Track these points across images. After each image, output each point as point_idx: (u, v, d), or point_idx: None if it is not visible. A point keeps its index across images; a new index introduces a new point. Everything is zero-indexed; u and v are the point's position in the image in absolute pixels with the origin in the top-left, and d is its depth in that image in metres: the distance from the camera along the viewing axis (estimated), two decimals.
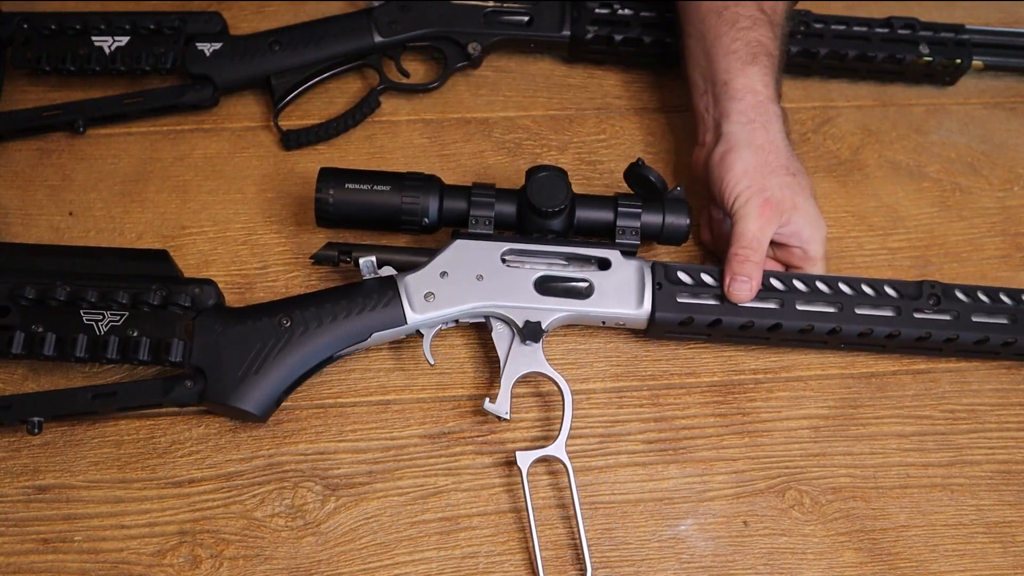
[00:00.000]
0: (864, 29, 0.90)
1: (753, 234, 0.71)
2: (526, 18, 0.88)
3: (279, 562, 0.66)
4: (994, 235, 0.85)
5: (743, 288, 0.71)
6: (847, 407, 0.75)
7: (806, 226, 0.73)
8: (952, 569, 0.69)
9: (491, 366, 0.74)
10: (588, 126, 0.88)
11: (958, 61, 0.90)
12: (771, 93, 0.76)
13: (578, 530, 0.67)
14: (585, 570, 0.66)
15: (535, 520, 0.67)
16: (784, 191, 0.72)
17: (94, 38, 0.83)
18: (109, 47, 0.83)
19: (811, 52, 0.89)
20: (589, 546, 0.66)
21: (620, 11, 0.88)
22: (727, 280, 0.71)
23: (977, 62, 0.91)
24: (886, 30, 0.90)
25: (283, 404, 0.71)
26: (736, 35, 0.77)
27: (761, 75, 0.76)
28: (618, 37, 0.88)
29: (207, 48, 0.84)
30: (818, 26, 0.89)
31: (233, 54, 0.84)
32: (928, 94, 0.93)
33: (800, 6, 0.90)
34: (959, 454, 0.73)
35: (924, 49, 0.89)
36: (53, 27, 0.83)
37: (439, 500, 0.69)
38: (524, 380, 0.73)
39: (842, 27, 0.90)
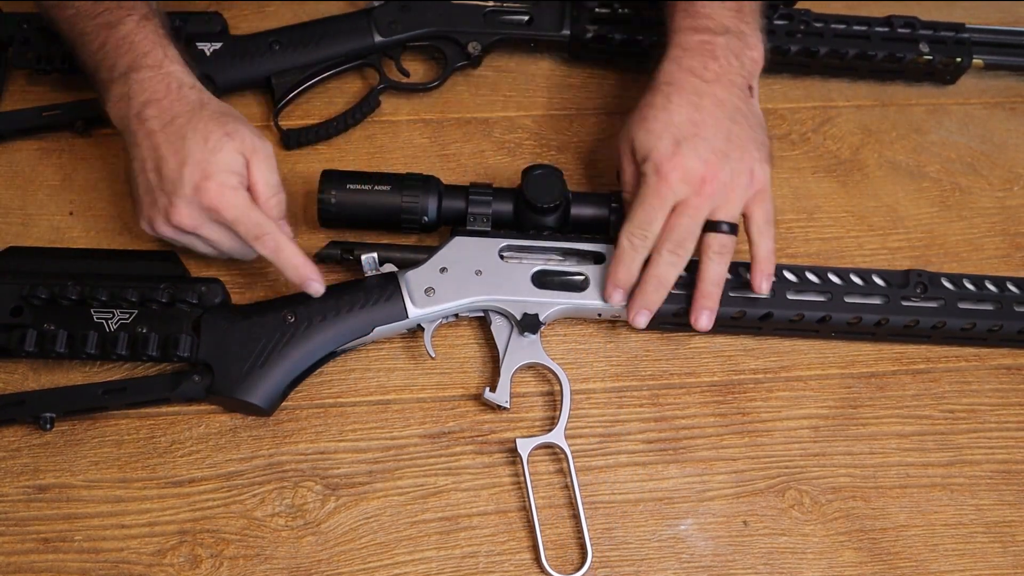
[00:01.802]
0: (864, 28, 0.90)
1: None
2: (526, 18, 0.88)
3: (279, 562, 0.66)
4: (994, 235, 0.85)
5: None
6: (847, 407, 0.75)
7: (639, 159, 0.71)
8: (952, 569, 0.69)
9: (491, 366, 0.74)
10: (588, 126, 0.88)
11: (958, 60, 0.90)
12: (682, 31, 0.73)
13: (578, 514, 0.68)
14: (586, 556, 0.66)
15: (536, 505, 0.67)
16: (623, 132, 0.74)
17: None
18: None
19: (811, 52, 0.89)
20: (590, 540, 0.67)
21: (620, 11, 0.88)
22: None
23: (977, 61, 0.91)
24: (886, 29, 0.90)
25: (283, 404, 0.71)
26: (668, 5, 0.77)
27: (673, 23, 0.75)
28: (618, 37, 0.88)
29: (207, 48, 0.84)
30: (818, 25, 0.89)
31: (233, 54, 0.84)
32: (928, 94, 0.93)
33: (800, 6, 0.90)
34: (959, 454, 0.73)
35: (924, 48, 0.89)
36: None
37: (439, 500, 0.69)
38: (525, 380, 0.74)
39: (842, 26, 0.89)
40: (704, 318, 0.70)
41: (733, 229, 0.70)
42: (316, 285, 0.69)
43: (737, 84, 0.71)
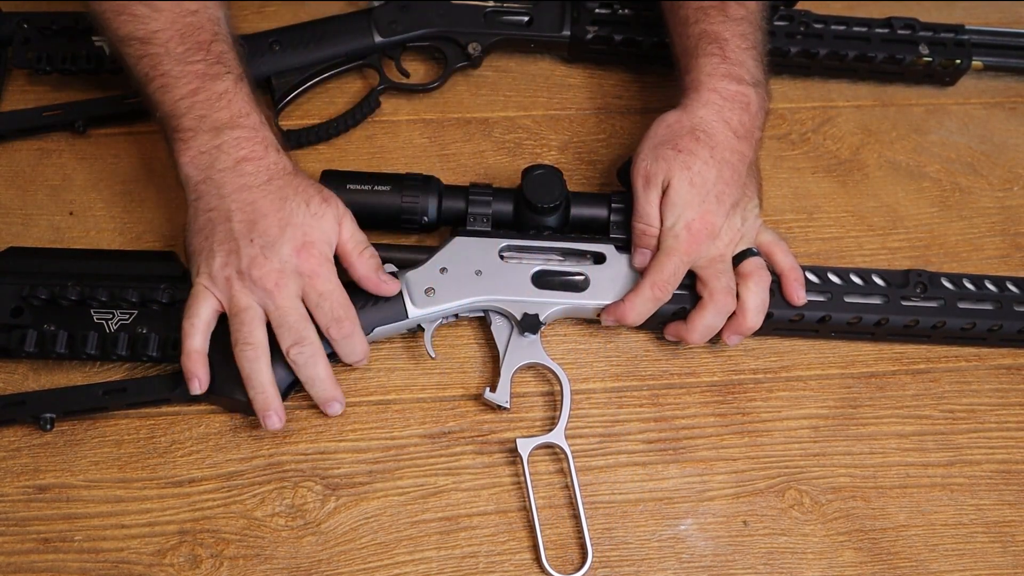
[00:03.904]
0: (864, 29, 0.90)
1: (639, 205, 0.73)
2: (526, 18, 0.88)
3: (279, 562, 0.66)
4: (994, 235, 0.85)
5: (642, 258, 0.72)
6: (847, 407, 0.75)
7: (668, 204, 0.71)
8: (952, 569, 0.69)
9: (491, 366, 0.74)
10: (588, 126, 0.88)
11: (958, 61, 0.90)
12: (718, 77, 0.74)
13: (578, 514, 0.68)
14: (586, 556, 0.66)
15: (536, 505, 0.67)
16: (658, 163, 0.72)
17: (94, 38, 0.83)
18: (109, 47, 0.83)
19: (811, 52, 0.89)
20: (590, 540, 0.67)
21: (620, 11, 0.88)
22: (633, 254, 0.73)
23: (977, 62, 0.92)
24: (886, 30, 0.90)
25: (283, 404, 0.71)
26: (688, 32, 0.77)
27: (708, 65, 0.75)
28: (618, 37, 0.88)
29: None
30: (818, 26, 0.89)
31: None
32: (928, 94, 0.93)
33: (800, 6, 0.90)
34: (959, 454, 0.74)
35: (924, 49, 0.90)
36: (53, 27, 0.83)
37: (439, 500, 0.69)
38: (525, 380, 0.74)
39: (842, 27, 0.90)
40: (736, 339, 0.72)
41: (757, 253, 0.73)
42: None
43: (756, 138, 0.75)
